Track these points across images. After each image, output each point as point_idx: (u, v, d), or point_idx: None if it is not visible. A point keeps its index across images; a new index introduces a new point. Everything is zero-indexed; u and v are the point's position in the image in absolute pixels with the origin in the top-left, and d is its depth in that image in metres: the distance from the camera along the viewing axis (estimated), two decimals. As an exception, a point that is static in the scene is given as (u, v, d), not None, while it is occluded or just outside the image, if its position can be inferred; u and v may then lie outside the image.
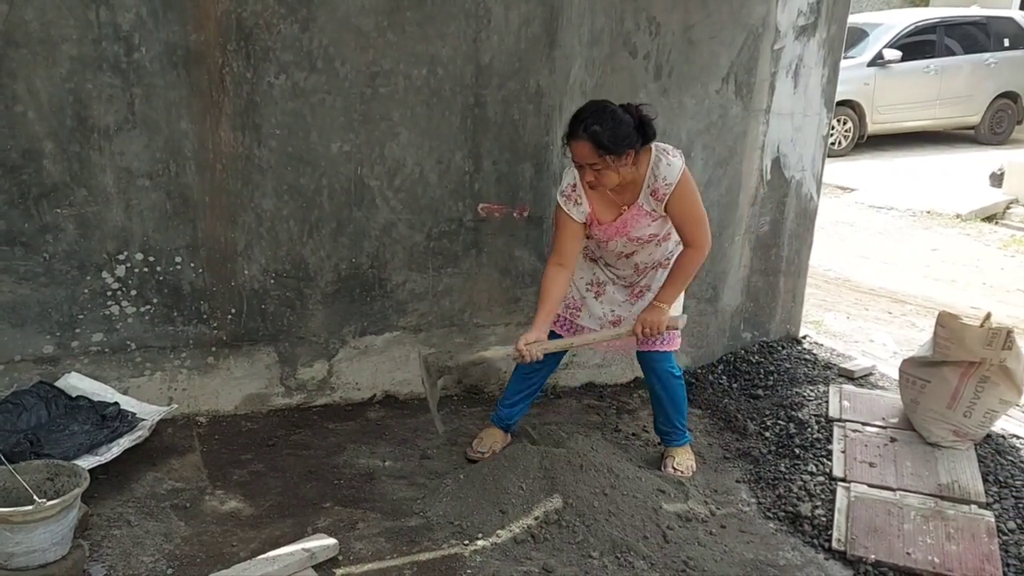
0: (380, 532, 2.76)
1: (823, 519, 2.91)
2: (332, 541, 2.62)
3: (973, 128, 11.90)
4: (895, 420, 3.44)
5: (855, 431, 3.38)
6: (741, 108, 3.81)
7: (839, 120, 10.78)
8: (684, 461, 3.24)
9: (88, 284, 3.13)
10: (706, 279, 4.00)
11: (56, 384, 3.11)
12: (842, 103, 10.12)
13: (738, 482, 3.23)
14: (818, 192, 4.27)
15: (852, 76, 10.27)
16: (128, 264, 3.17)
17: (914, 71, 11.18)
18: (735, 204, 3.95)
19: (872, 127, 11.14)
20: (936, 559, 2.70)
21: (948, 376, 3.19)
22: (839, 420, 3.48)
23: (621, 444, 3.40)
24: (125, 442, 2.95)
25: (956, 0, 13.99)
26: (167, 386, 3.35)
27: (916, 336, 5.01)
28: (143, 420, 3.07)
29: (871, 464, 3.17)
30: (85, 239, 3.09)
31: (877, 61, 11.03)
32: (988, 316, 3.18)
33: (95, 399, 3.07)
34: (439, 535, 2.75)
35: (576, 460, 2.99)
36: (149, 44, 2.97)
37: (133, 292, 3.20)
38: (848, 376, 4.00)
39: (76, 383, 3.14)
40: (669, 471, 3.19)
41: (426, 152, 3.41)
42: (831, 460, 3.22)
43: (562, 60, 3.46)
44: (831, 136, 5.53)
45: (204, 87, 3.07)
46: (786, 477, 3.17)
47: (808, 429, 3.45)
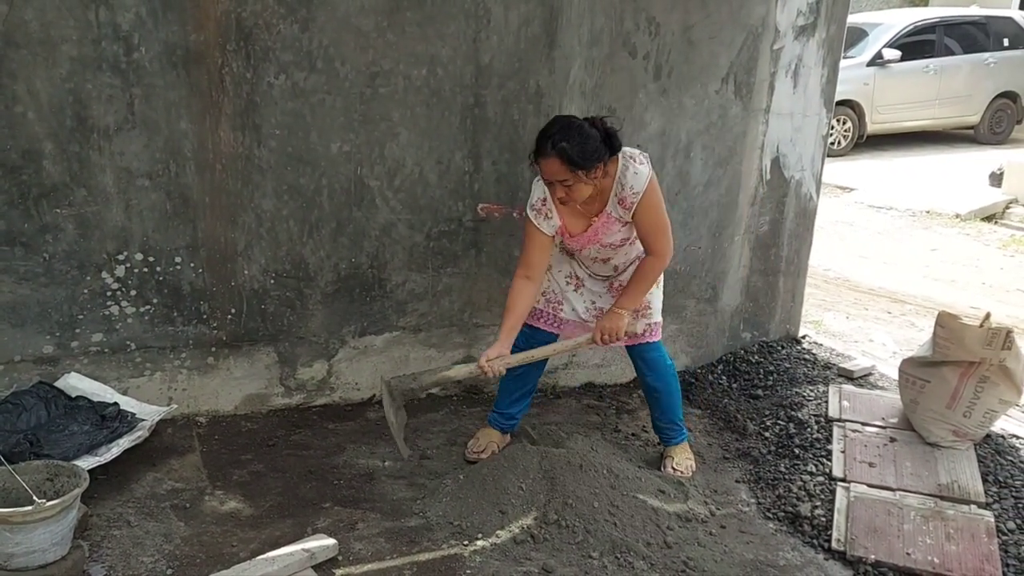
0: (380, 532, 2.76)
1: (823, 519, 2.91)
2: (332, 541, 2.62)
3: (972, 128, 11.91)
4: (895, 420, 3.44)
5: (855, 431, 3.38)
6: (741, 108, 3.82)
7: (838, 120, 10.79)
8: (684, 461, 3.24)
9: (88, 284, 3.13)
10: (706, 279, 4.00)
11: (56, 384, 3.10)
12: (841, 103, 10.12)
13: (738, 482, 3.23)
14: (818, 192, 4.27)
15: (851, 76, 10.27)
16: (128, 264, 3.17)
17: (913, 71, 11.19)
18: (735, 204, 3.95)
19: (871, 127, 11.15)
20: (936, 559, 2.70)
21: (948, 376, 3.20)
22: (839, 420, 3.48)
23: (621, 444, 3.40)
24: (125, 442, 2.95)
25: (956, 0, 13.99)
26: (167, 386, 3.35)
27: (916, 336, 5.01)
28: (143, 420, 3.07)
29: (871, 464, 3.17)
30: (85, 239, 3.09)
31: (876, 61, 11.03)
32: (988, 316, 3.18)
33: (95, 399, 3.07)
34: (439, 535, 2.76)
35: (576, 460, 2.99)
36: (149, 44, 2.97)
37: (133, 292, 3.20)
38: (848, 376, 4.00)
39: (76, 383, 3.14)
40: (669, 471, 3.20)
41: (426, 152, 3.41)
42: (831, 460, 3.22)
43: (562, 60, 3.46)
44: (830, 136, 5.54)
45: (204, 87, 3.07)
46: (786, 477, 3.17)
47: (808, 429, 3.45)
